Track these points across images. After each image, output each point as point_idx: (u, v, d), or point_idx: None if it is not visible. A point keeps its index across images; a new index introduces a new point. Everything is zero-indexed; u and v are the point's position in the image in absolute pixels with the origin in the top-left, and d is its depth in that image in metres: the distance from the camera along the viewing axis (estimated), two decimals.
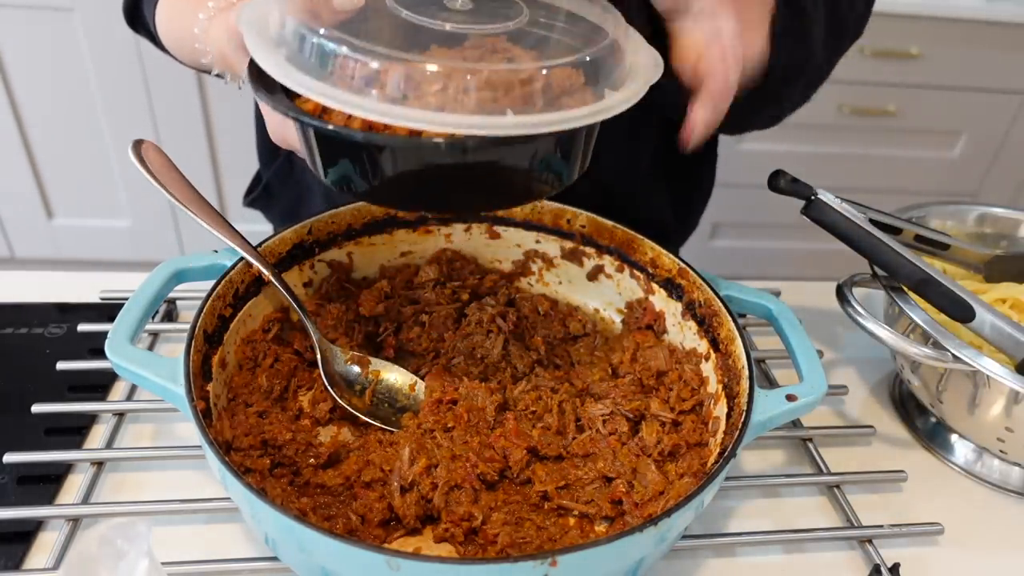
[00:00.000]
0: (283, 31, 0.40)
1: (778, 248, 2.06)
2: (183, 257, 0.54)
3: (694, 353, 0.57)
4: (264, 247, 0.57)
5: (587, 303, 0.66)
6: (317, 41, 0.38)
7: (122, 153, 1.73)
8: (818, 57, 0.61)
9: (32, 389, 0.58)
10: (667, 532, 0.41)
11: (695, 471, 0.50)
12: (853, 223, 0.57)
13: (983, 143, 1.92)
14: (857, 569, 0.51)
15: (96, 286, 0.68)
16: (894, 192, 1.95)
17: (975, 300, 0.54)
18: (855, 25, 0.68)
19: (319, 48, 0.38)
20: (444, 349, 0.59)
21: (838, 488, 0.56)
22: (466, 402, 0.53)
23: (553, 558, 0.36)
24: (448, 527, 0.47)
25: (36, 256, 1.88)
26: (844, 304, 0.57)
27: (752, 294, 0.58)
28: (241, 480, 0.39)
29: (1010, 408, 0.53)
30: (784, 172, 0.58)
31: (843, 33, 0.66)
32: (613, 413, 0.54)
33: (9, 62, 1.60)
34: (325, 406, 0.53)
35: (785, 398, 0.49)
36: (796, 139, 1.83)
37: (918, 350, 0.53)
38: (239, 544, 0.49)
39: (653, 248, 0.61)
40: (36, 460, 0.51)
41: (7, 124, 1.66)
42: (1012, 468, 0.59)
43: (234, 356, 0.54)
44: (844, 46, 0.68)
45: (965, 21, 1.69)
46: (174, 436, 0.56)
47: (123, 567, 0.32)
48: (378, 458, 0.49)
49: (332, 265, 0.62)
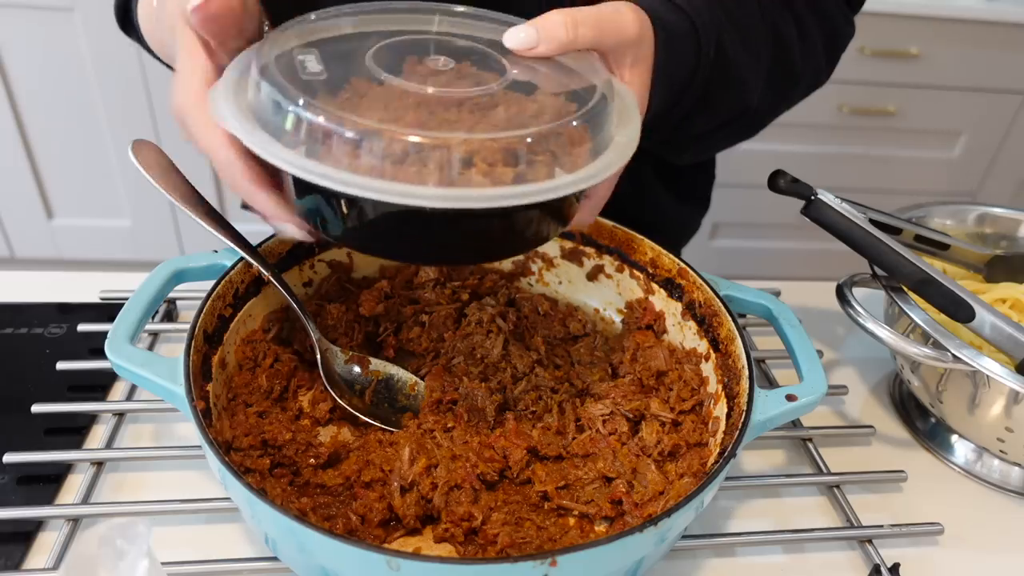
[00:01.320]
0: (259, 96, 0.39)
1: (778, 248, 2.06)
2: (183, 257, 0.54)
3: (694, 353, 0.57)
4: (264, 247, 0.57)
5: (587, 303, 0.66)
6: (293, 111, 0.38)
7: (122, 153, 1.73)
8: (753, 101, 0.62)
9: (32, 389, 0.58)
10: (667, 532, 0.41)
11: (695, 471, 0.50)
12: (853, 223, 0.57)
13: (983, 143, 1.92)
14: (857, 569, 0.51)
15: (96, 286, 0.68)
16: (894, 192, 1.95)
17: (975, 300, 0.54)
18: (811, 76, 0.69)
19: (295, 117, 0.38)
20: (444, 349, 0.59)
21: (838, 488, 0.56)
22: (466, 402, 0.53)
23: (553, 558, 0.36)
24: (448, 527, 0.47)
25: (36, 256, 1.88)
26: (844, 304, 0.57)
27: (752, 294, 0.58)
28: (241, 480, 0.39)
29: (1010, 408, 0.53)
30: (784, 172, 0.59)
31: (792, 82, 0.67)
32: (613, 413, 0.54)
33: (9, 62, 1.60)
34: (325, 406, 0.53)
35: (785, 398, 0.49)
36: (796, 139, 1.83)
37: (918, 350, 0.53)
38: (239, 544, 0.49)
39: (653, 248, 0.61)
40: (36, 460, 0.51)
41: (7, 124, 1.66)
42: (1012, 468, 0.59)
43: (234, 356, 0.54)
44: (795, 94, 0.68)
45: (965, 21, 1.69)
46: (174, 436, 0.56)
47: (123, 567, 0.32)
48: (378, 458, 0.49)
49: (332, 265, 0.62)
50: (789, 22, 0.64)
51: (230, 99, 0.39)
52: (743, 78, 0.59)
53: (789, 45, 0.63)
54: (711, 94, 0.57)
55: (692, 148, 0.68)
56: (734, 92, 0.59)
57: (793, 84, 0.67)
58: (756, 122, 0.67)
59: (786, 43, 0.63)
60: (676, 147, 0.68)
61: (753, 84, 0.61)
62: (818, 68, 0.69)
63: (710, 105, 0.58)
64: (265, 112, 0.39)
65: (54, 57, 1.60)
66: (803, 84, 0.68)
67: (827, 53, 0.68)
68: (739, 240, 2.03)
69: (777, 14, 0.63)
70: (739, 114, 0.62)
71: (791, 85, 0.67)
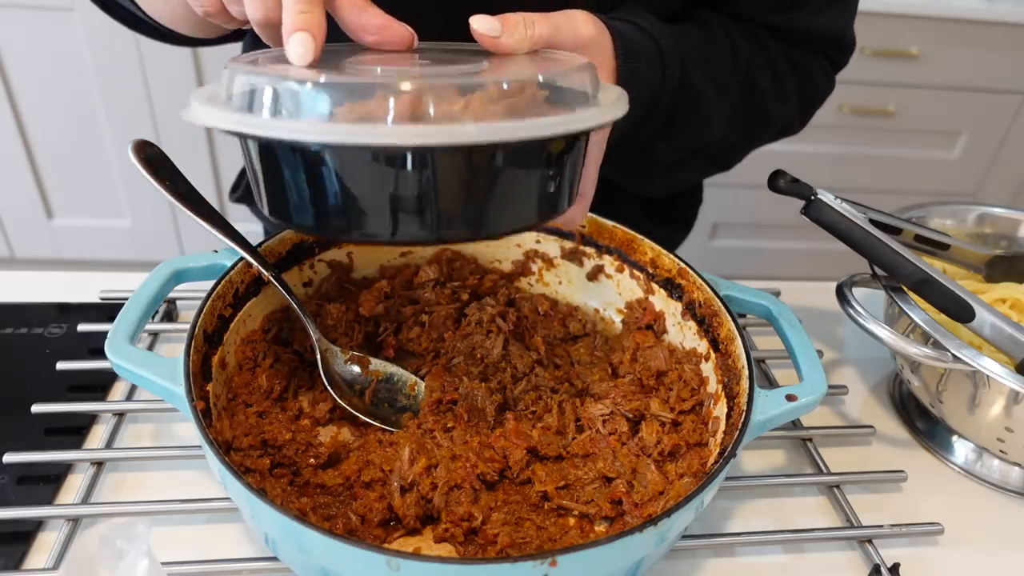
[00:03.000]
0: (231, 86, 0.37)
1: (778, 248, 2.06)
2: (183, 257, 0.54)
3: (694, 353, 0.57)
4: (264, 247, 0.57)
5: (587, 303, 0.66)
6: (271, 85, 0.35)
7: (122, 153, 1.73)
8: (716, 136, 0.63)
9: (32, 389, 0.58)
10: (667, 532, 0.41)
11: (695, 471, 0.50)
12: (853, 223, 0.57)
13: (983, 143, 1.92)
14: (857, 569, 0.51)
15: (96, 286, 0.68)
16: (894, 192, 1.95)
17: (975, 300, 0.54)
18: (782, 123, 0.70)
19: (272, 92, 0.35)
20: (444, 349, 0.59)
21: (838, 488, 0.56)
22: (466, 402, 0.53)
23: (553, 558, 0.36)
24: (448, 527, 0.47)
25: (36, 256, 1.88)
26: (844, 304, 0.57)
27: (752, 294, 0.58)
28: (241, 480, 0.39)
29: (1010, 408, 0.53)
30: (784, 172, 0.59)
31: (761, 127, 0.68)
32: (613, 413, 0.54)
33: (9, 62, 1.60)
34: (325, 406, 0.53)
35: (785, 398, 0.49)
36: (796, 139, 1.82)
37: (918, 350, 0.53)
38: (239, 544, 0.49)
39: (653, 248, 0.61)
40: (36, 460, 0.51)
41: (7, 124, 1.66)
42: (1012, 468, 0.59)
43: (234, 356, 0.54)
44: (764, 138, 0.70)
45: (965, 21, 1.69)
46: (174, 436, 0.56)
47: (123, 567, 0.32)
48: (378, 458, 0.49)
49: (332, 265, 0.62)
50: (765, 71, 0.66)
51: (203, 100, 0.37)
52: (708, 109, 0.60)
53: (762, 90, 0.65)
54: (674, 123, 0.58)
55: (661, 180, 0.69)
56: (697, 123, 0.60)
57: (763, 129, 0.68)
58: (722, 159, 0.69)
59: (759, 88, 0.65)
60: (643, 179, 0.69)
61: (717, 119, 0.62)
62: (791, 118, 0.70)
63: (672, 134, 0.59)
64: (240, 97, 0.36)
65: (54, 57, 1.61)
66: (772, 130, 0.70)
67: (801, 105, 0.70)
68: (739, 240, 2.04)
69: (753, 62, 0.64)
70: (701, 147, 0.63)
71: (761, 130, 0.68)
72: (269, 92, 0.35)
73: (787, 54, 0.67)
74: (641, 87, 0.53)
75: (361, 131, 0.33)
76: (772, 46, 0.66)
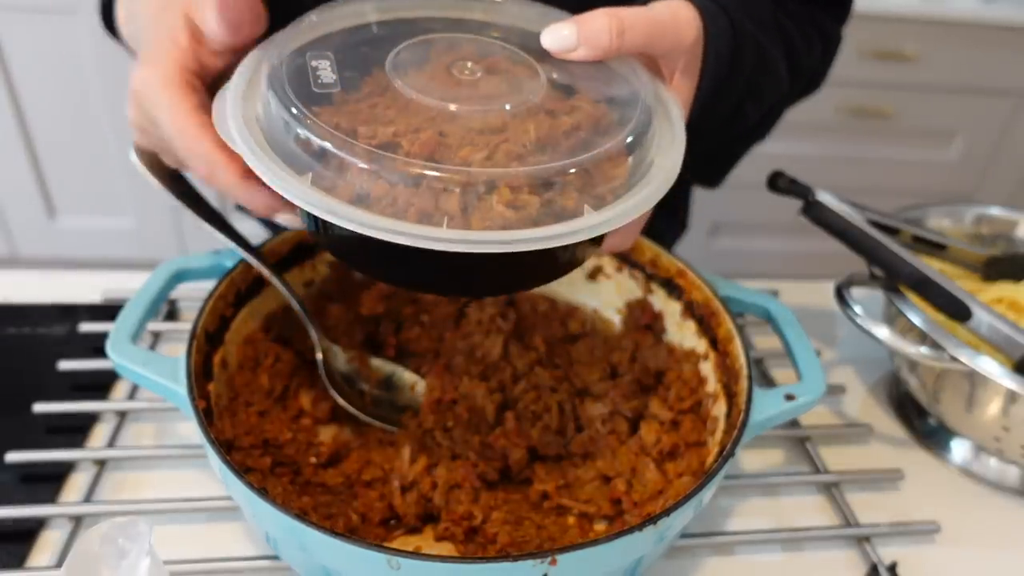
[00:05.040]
0: (269, 111, 0.37)
1: (777, 248, 2.06)
2: (184, 257, 0.55)
3: (693, 353, 0.58)
4: (265, 247, 0.57)
5: (586, 303, 0.66)
6: (302, 132, 0.35)
7: (124, 153, 1.73)
8: (785, 85, 0.60)
9: (34, 389, 0.58)
10: (666, 531, 0.41)
11: (694, 470, 0.50)
12: (851, 223, 0.57)
13: (980, 144, 1.93)
14: (855, 568, 0.52)
15: (98, 286, 0.68)
16: (892, 193, 1.95)
17: (972, 300, 0.55)
18: (810, 70, 0.67)
19: (303, 138, 0.35)
20: (444, 349, 0.59)
21: (836, 487, 0.56)
22: (466, 402, 0.53)
23: (553, 557, 0.37)
24: (448, 526, 0.47)
25: (38, 256, 1.88)
26: (842, 304, 0.57)
27: (751, 294, 0.58)
28: (242, 479, 0.39)
29: (1007, 407, 0.53)
30: (783, 173, 0.59)
31: (797, 71, 0.64)
32: (612, 413, 0.54)
33: (13, 64, 1.60)
34: (326, 405, 0.54)
35: (784, 398, 0.49)
36: (795, 139, 1.83)
37: (916, 350, 0.53)
38: (240, 543, 0.49)
39: (652, 248, 0.61)
40: (38, 459, 0.52)
41: (10, 124, 1.66)
42: (1009, 467, 0.59)
43: (235, 356, 0.54)
44: (797, 87, 0.66)
45: (962, 23, 1.69)
46: (175, 435, 0.56)
47: (125, 566, 0.32)
48: (378, 457, 0.50)
49: (333, 265, 0.63)
50: (785, 18, 0.62)
51: (238, 113, 0.37)
52: (774, 59, 0.56)
53: (791, 36, 0.62)
54: (755, 79, 0.54)
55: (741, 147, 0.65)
56: (772, 75, 0.56)
57: (799, 79, 0.65)
58: (771, 121, 0.65)
59: (788, 34, 0.61)
60: (725, 155, 0.64)
61: (782, 69, 0.58)
62: (815, 67, 0.68)
63: (755, 91, 0.55)
64: (273, 130, 0.36)
65: (57, 59, 1.61)
66: (803, 81, 0.67)
67: (824, 54, 0.68)
68: (738, 240, 2.04)
69: (779, 9, 0.61)
70: (777, 101, 0.59)
71: (797, 80, 0.64)
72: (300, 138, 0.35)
73: (791, 3, 0.64)
74: (723, 51, 0.48)
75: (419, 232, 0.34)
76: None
